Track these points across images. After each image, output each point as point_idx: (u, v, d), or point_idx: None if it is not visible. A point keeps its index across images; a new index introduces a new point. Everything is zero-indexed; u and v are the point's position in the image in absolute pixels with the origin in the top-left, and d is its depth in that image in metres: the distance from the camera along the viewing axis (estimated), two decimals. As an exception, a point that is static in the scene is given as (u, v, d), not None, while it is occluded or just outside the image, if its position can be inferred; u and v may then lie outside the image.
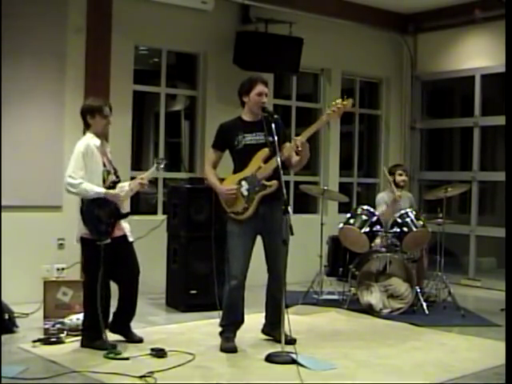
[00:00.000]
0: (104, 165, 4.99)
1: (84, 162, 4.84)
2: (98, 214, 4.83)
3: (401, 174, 7.18)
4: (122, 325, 5.17)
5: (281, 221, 4.77)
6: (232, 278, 5.06)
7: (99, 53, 6.87)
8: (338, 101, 5.06)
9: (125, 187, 5.08)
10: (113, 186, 5.00)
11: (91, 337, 4.97)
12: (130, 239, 5.12)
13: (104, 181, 4.96)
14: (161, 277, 6.74)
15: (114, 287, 5.15)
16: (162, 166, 5.19)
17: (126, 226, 5.11)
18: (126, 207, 5.16)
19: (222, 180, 5.21)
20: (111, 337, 5.06)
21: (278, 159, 4.81)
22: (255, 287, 5.50)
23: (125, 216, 5.07)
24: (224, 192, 5.09)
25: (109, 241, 4.85)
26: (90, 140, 4.95)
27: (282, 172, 4.82)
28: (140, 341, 5.14)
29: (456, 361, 4.95)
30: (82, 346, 5.01)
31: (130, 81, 7.25)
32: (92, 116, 4.99)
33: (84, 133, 5.09)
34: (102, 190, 4.88)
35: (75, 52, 6.78)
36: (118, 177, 5.09)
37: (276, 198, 4.96)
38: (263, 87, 5.12)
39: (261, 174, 5.04)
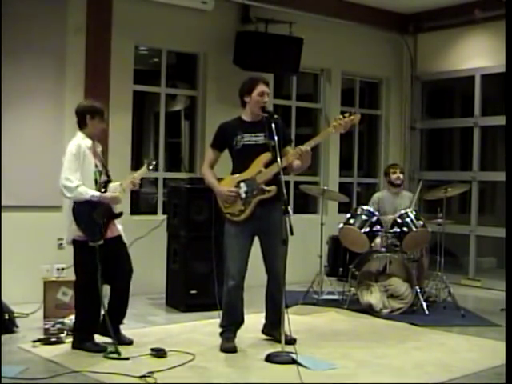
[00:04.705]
0: (95, 165, 4.95)
1: (78, 163, 4.80)
2: (91, 214, 4.78)
3: (394, 172, 7.19)
4: (112, 327, 4.99)
5: (278, 221, 4.76)
6: (230, 279, 5.06)
7: (99, 53, 6.87)
8: (345, 114, 5.10)
9: (117, 187, 5.04)
10: (104, 185, 4.96)
11: (82, 338, 4.93)
12: (125, 240, 5.09)
13: (96, 181, 4.91)
14: (161, 277, 6.74)
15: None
16: (151, 166, 5.13)
17: (119, 227, 5.06)
18: (118, 207, 5.10)
19: (219, 180, 5.20)
20: (101, 339, 4.97)
21: (279, 161, 4.80)
22: (254, 287, 5.50)
23: (118, 216, 5.02)
24: (224, 193, 5.08)
25: (102, 242, 4.80)
26: (81, 141, 4.91)
27: (282, 173, 4.80)
28: (130, 343, 5.07)
29: (456, 361, 4.95)
30: (73, 347, 4.94)
31: (130, 81, 7.25)
32: (92, 117, 4.97)
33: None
34: (97, 193, 4.83)
35: (75, 52, 6.78)
36: (108, 176, 5.05)
37: (274, 199, 4.95)
38: (265, 87, 5.12)
39: (260, 178, 5.02)
